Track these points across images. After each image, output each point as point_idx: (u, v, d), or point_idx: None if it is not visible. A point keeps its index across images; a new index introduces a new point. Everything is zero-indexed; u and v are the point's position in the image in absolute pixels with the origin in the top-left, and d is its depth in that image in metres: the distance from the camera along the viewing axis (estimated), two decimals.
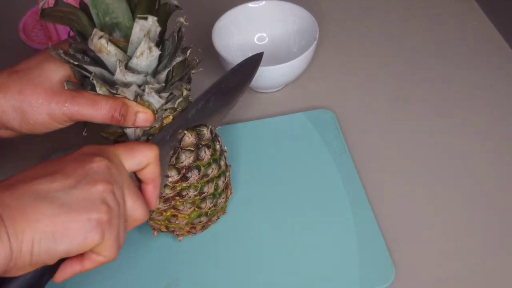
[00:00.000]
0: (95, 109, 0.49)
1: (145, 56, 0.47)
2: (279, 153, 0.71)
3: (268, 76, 0.75)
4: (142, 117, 0.51)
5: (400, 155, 0.70)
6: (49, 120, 0.50)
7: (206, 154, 0.56)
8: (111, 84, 0.49)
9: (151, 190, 0.49)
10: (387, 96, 0.79)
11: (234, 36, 0.82)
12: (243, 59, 0.82)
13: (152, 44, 0.47)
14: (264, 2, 0.82)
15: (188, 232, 0.61)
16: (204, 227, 0.62)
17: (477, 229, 0.63)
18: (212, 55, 0.78)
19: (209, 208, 0.58)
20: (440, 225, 0.63)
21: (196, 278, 0.60)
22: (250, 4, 0.82)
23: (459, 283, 0.58)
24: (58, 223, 0.39)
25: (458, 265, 0.60)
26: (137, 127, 0.52)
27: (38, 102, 0.49)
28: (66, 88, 0.50)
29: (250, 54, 0.83)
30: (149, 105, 0.51)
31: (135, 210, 0.45)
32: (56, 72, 0.50)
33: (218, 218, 0.63)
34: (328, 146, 0.71)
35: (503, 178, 0.67)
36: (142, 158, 0.46)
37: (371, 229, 0.62)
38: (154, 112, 0.52)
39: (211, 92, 0.57)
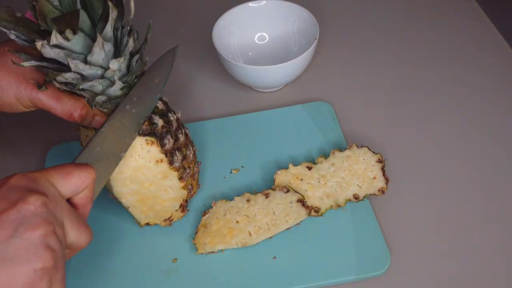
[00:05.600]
0: (57, 103, 0.53)
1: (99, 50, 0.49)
2: (276, 144, 0.72)
3: (268, 75, 0.75)
4: (98, 120, 0.55)
5: (395, 146, 0.71)
6: (16, 103, 0.53)
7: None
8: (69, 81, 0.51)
9: (81, 214, 0.46)
10: (385, 94, 0.79)
11: (235, 35, 0.82)
12: (243, 58, 0.82)
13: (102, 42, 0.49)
14: (264, 2, 0.82)
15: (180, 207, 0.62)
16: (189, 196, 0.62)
17: (473, 218, 0.63)
18: (212, 55, 0.78)
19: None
20: (435, 214, 0.64)
21: (196, 262, 0.61)
22: (250, 4, 0.82)
23: (455, 270, 0.59)
24: (1, 281, 0.36)
25: (454, 253, 0.61)
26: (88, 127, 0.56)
27: (8, 85, 0.52)
28: (24, 64, 0.50)
29: (251, 54, 0.83)
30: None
31: (79, 238, 0.43)
32: None
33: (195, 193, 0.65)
34: (325, 137, 0.72)
35: (503, 177, 0.67)
36: (79, 184, 0.44)
37: (367, 216, 0.63)
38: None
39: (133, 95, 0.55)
